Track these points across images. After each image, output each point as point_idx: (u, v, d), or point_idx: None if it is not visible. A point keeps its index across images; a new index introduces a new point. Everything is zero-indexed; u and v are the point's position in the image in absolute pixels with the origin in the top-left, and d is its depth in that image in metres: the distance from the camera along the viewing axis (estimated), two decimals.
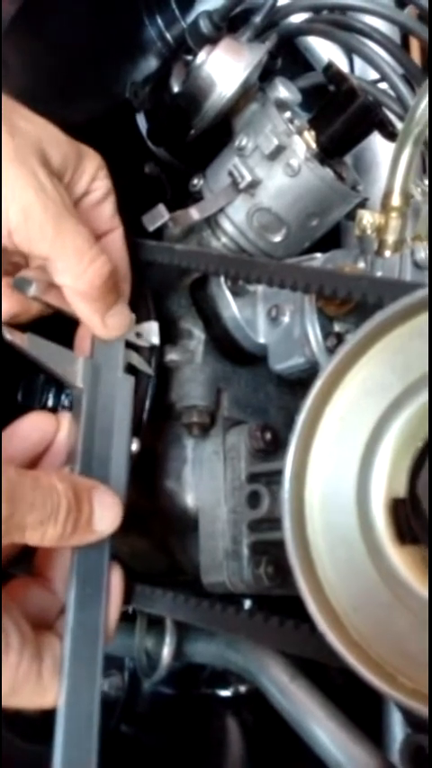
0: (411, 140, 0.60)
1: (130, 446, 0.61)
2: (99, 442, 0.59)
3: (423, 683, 0.44)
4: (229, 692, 0.90)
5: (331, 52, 0.87)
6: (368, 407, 0.48)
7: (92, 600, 0.55)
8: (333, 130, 0.69)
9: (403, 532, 0.47)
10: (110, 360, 0.62)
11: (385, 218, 0.60)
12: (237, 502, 0.66)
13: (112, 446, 0.60)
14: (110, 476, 0.59)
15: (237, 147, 0.71)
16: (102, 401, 0.60)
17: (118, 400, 0.61)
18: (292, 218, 0.71)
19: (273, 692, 0.67)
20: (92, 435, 0.59)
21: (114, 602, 0.57)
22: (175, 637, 0.78)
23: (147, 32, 0.91)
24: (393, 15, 0.77)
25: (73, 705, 0.52)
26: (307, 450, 0.48)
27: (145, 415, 0.65)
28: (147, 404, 0.65)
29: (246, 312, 0.71)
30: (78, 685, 0.52)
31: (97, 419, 0.60)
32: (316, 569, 0.47)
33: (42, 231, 0.54)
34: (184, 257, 0.67)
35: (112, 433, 0.60)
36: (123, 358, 0.63)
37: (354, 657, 0.45)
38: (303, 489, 0.48)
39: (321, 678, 0.66)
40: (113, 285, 0.60)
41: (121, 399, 0.61)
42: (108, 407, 0.60)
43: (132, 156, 0.83)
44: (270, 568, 0.65)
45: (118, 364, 0.62)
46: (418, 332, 0.46)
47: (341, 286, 0.55)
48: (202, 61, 0.73)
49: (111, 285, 0.59)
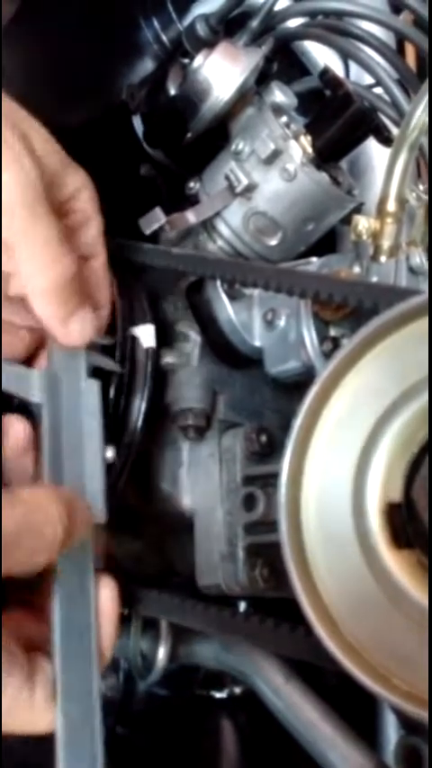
0: (407, 146, 0.60)
1: (104, 455, 0.56)
2: (68, 456, 0.55)
3: (417, 685, 0.45)
4: (224, 693, 0.90)
5: (327, 57, 0.88)
6: (364, 412, 0.48)
7: (79, 623, 0.51)
8: (329, 135, 0.69)
9: (398, 537, 0.48)
10: (71, 368, 0.57)
11: (381, 224, 0.60)
12: (232, 504, 0.66)
13: (85, 458, 0.55)
14: (85, 490, 0.54)
15: (233, 150, 0.72)
16: (66, 413, 0.56)
17: (84, 409, 0.56)
18: (287, 223, 0.71)
19: (267, 693, 0.67)
20: (58, 453, 0.55)
21: (107, 621, 0.53)
22: (170, 638, 0.78)
23: (143, 35, 0.91)
24: (389, 21, 0.77)
25: (72, 743, 0.49)
26: (303, 453, 0.49)
27: (141, 418, 0.65)
28: (143, 407, 0.65)
29: (242, 315, 0.71)
30: (74, 719, 0.49)
31: (63, 433, 0.55)
32: (311, 572, 0.48)
33: (13, 213, 0.51)
34: (180, 260, 0.67)
35: (82, 445, 0.55)
36: (86, 362, 0.58)
37: (349, 660, 0.45)
38: (299, 493, 0.49)
39: (316, 680, 0.66)
40: (77, 288, 0.55)
41: (88, 407, 0.57)
42: (74, 418, 0.56)
43: (128, 158, 0.84)
44: (265, 571, 0.65)
45: (80, 371, 0.58)
46: (414, 338, 0.46)
47: (337, 291, 0.55)
48: (198, 65, 0.73)
49: (74, 288, 0.55)
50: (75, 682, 0.50)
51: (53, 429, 0.55)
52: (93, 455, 0.55)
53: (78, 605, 0.51)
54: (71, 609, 0.51)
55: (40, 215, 0.52)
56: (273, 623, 0.56)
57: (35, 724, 0.49)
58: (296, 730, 0.64)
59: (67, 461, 0.55)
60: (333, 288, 0.55)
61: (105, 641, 0.53)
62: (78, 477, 0.55)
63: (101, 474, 0.56)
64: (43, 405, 0.55)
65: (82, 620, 0.51)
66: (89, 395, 0.57)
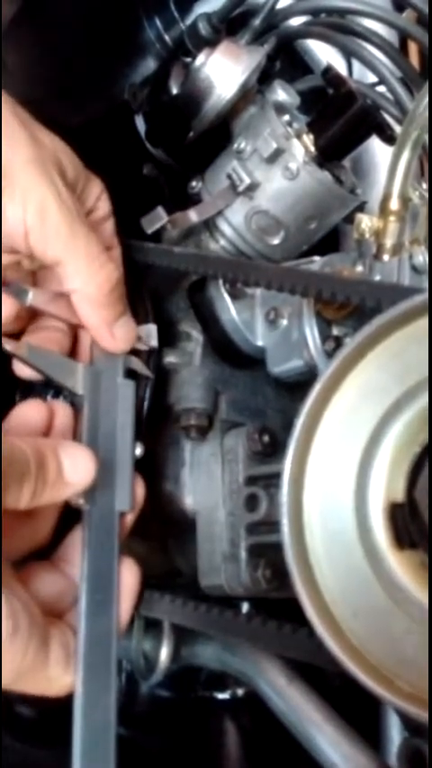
0: (410, 144, 0.59)
1: (134, 451, 0.61)
2: (103, 447, 0.59)
3: (420, 687, 0.44)
4: (227, 694, 0.90)
5: (330, 55, 0.87)
6: (367, 411, 0.48)
7: (103, 605, 0.56)
8: (331, 134, 0.69)
9: (401, 537, 0.47)
10: (110, 366, 0.62)
11: (384, 222, 0.60)
12: (234, 505, 0.66)
13: (116, 451, 0.60)
14: (115, 481, 0.59)
15: (235, 149, 0.71)
16: (103, 407, 0.61)
17: (119, 406, 0.62)
18: (290, 221, 0.71)
19: (270, 694, 0.67)
20: (95, 441, 0.59)
21: (126, 600, 0.58)
22: (172, 639, 0.78)
23: (145, 34, 0.91)
24: (392, 19, 0.77)
25: (88, 714, 0.53)
26: (305, 453, 0.48)
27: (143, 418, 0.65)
28: (145, 406, 0.65)
29: (244, 315, 0.71)
30: (93, 691, 0.53)
31: (100, 425, 0.60)
32: (314, 573, 0.47)
33: (57, 233, 0.56)
34: (182, 260, 0.67)
35: (116, 439, 0.60)
36: (123, 363, 0.63)
37: (351, 662, 0.45)
38: (302, 493, 0.48)
39: (319, 681, 0.66)
40: (122, 294, 0.61)
41: (123, 405, 0.62)
42: (110, 413, 0.61)
43: (130, 157, 0.83)
44: (267, 571, 0.65)
45: (118, 370, 0.63)
46: (417, 336, 0.46)
47: (340, 290, 0.55)
48: (200, 63, 0.73)
49: (119, 293, 0.60)
50: (96, 648, 0.54)
51: (92, 420, 0.60)
52: (124, 449, 0.61)
53: (104, 590, 0.57)
54: (96, 593, 0.56)
55: (79, 233, 0.57)
56: (275, 625, 0.55)
57: (49, 687, 0.53)
58: (299, 731, 0.64)
59: (101, 452, 0.59)
60: (336, 287, 0.55)
61: (123, 615, 0.58)
62: (110, 467, 0.59)
63: (130, 467, 0.60)
64: (85, 397, 0.60)
65: (105, 604, 0.56)
66: (125, 393, 0.62)
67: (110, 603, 0.57)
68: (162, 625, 0.79)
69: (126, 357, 0.64)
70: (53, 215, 0.56)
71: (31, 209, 0.55)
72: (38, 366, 0.59)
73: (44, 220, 0.55)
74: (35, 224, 0.55)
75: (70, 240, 0.57)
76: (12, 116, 0.56)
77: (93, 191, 0.63)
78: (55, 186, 0.56)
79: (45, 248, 0.56)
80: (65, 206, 0.56)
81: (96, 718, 0.53)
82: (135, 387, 0.63)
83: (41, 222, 0.55)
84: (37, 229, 0.55)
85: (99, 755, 0.53)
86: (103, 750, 0.53)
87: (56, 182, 0.56)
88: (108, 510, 0.59)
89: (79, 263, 0.58)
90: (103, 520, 0.59)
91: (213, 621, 0.60)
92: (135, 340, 0.63)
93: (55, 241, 0.56)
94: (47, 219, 0.55)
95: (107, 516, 0.59)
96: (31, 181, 0.55)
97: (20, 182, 0.55)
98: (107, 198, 0.64)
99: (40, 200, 0.55)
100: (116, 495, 0.59)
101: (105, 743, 0.53)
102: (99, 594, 0.56)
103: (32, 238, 0.56)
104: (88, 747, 0.52)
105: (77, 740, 0.52)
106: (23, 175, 0.55)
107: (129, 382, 0.63)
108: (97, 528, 0.58)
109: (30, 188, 0.55)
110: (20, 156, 0.55)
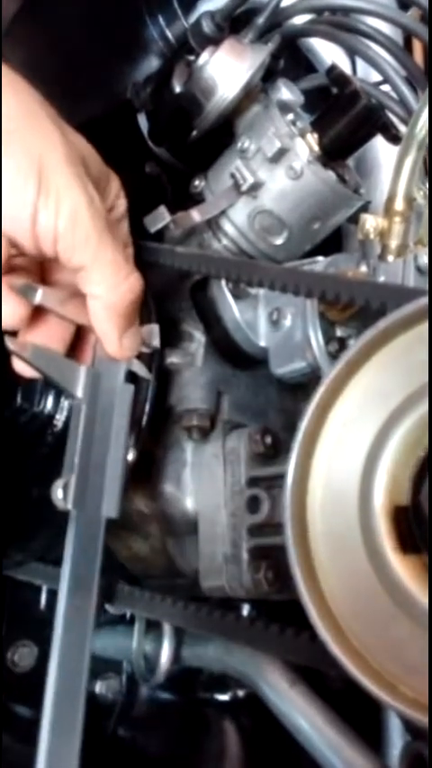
0: (415, 144, 0.59)
1: (126, 456, 0.61)
2: (96, 450, 0.59)
3: (424, 692, 0.44)
4: (228, 696, 0.90)
5: (334, 54, 0.87)
6: (371, 414, 0.47)
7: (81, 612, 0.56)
8: (336, 133, 0.68)
9: (405, 540, 0.47)
10: (111, 369, 0.62)
11: (388, 223, 0.60)
12: (236, 506, 0.66)
13: (109, 455, 0.60)
14: (105, 485, 0.59)
15: (239, 148, 0.71)
16: (101, 410, 0.60)
17: (116, 409, 0.61)
18: (293, 221, 0.71)
19: (272, 697, 0.66)
20: (89, 444, 0.59)
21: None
22: (173, 640, 0.77)
23: (148, 32, 0.91)
24: (396, 17, 0.76)
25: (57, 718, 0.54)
26: (309, 455, 0.48)
27: (145, 419, 0.65)
28: (147, 407, 0.65)
29: (247, 315, 0.70)
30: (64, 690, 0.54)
31: (96, 428, 0.60)
32: (317, 576, 0.47)
33: (87, 241, 0.55)
34: (185, 259, 0.67)
35: (109, 442, 0.60)
36: (124, 366, 0.63)
37: (354, 666, 0.44)
38: (305, 495, 0.48)
39: (320, 684, 0.66)
40: (139, 305, 0.60)
41: (120, 409, 0.61)
42: (107, 416, 0.61)
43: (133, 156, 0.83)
44: (269, 573, 0.64)
45: (119, 373, 0.62)
46: (422, 339, 0.46)
47: (344, 291, 0.54)
48: (204, 62, 0.72)
49: (138, 304, 0.60)
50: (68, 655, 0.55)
51: (88, 423, 0.60)
52: (116, 453, 0.60)
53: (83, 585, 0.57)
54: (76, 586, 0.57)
55: (107, 241, 0.56)
56: (278, 628, 0.55)
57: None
58: (300, 734, 0.64)
59: (94, 454, 0.59)
60: (340, 287, 0.55)
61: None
62: (100, 471, 0.59)
63: (121, 471, 0.60)
64: (83, 400, 0.60)
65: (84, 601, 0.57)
66: (123, 397, 0.62)
67: (87, 610, 0.57)
68: (162, 626, 0.79)
69: (128, 361, 0.63)
70: (85, 222, 0.55)
71: (64, 214, 0.54)
72: (40, 367, 0.59)
73: (75, 227, 0.54)
74: (67, 231, 0.54)
75: (99, 248, 0.56)
76: (44, 113, 0.55)
77: (112, 189, 0.62)
78: (86, 190, 0.55)
79: (72, 255, 0.56)
80: (97, 213, 0.55)
81: (65, 724, 0.54)
82: (134, 391, 0.63)
83: (73, 229, 0.54)
84: (68, 237, 0.54)
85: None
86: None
87: (87, 185, 0.55)
88: (95, 516, 0.59)
89: (105, 271, 0.57)
90: (89, 526, 0.59)
91: (215, 625, 0.59)
92: (138, 350, 0.63)
93: (83, 248, 0.55)
94: (78, 226, 0.54)
95: (93, 522, 0.59)
96: (66, 183, 0.54)
97: (54, 184, 0.53)
98: (124, 195, 0.64)
99: (73, 205, 0.54)
100: (104, 500, 0.59)
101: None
102: (78, 601, 0.56)
103: (61, 245, 0.55)
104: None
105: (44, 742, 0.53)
106: (58, 177, 0.54)
107: (128, 387, 0.62)
108: (82, 534, 0.58)
109: (64, 192, 0.54)
110: (55, 155, 0.54)
